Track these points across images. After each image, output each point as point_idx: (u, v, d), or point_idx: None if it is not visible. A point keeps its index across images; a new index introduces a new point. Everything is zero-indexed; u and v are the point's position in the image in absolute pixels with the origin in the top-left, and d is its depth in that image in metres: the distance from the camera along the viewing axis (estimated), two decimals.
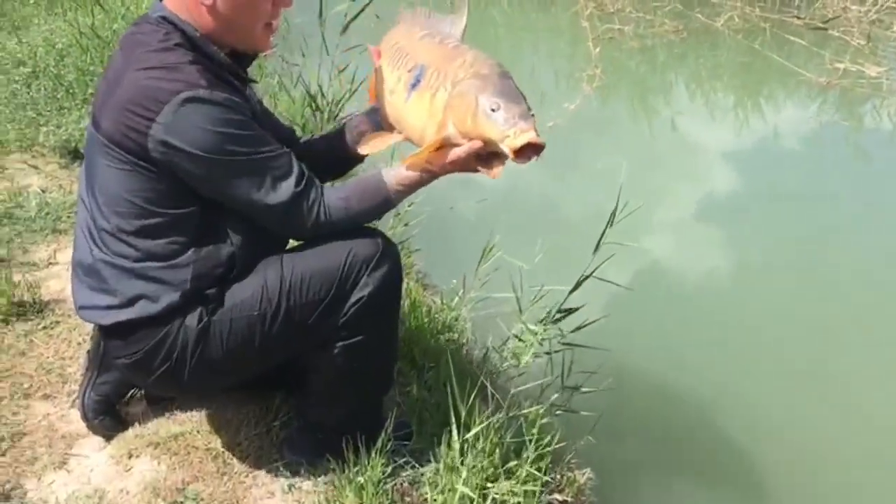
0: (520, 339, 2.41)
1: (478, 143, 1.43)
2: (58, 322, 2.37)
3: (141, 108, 1.43)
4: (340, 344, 1.63)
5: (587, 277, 2.40)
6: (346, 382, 1.70)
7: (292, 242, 1.74)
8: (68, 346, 2.28)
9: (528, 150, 1.38)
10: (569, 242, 3.57)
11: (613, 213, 2.61)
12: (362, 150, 1.67)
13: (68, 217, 2.92)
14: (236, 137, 1.47)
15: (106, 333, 1.63)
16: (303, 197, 1.52)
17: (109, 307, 1.57)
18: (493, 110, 1.39)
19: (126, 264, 1.54)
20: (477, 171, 1.48)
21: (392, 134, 1.64)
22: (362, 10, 3.48)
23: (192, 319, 1.55)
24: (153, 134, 1.43)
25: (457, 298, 2.63)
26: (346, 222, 1.57)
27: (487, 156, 1.45)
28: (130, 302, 1.55)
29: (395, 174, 1.57)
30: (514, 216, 3.75)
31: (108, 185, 1.52)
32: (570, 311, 2.37)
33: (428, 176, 1.56)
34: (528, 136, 1.36)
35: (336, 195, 1.56)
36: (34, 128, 3.40)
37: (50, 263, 2.66)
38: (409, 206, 3.02)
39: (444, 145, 1.46)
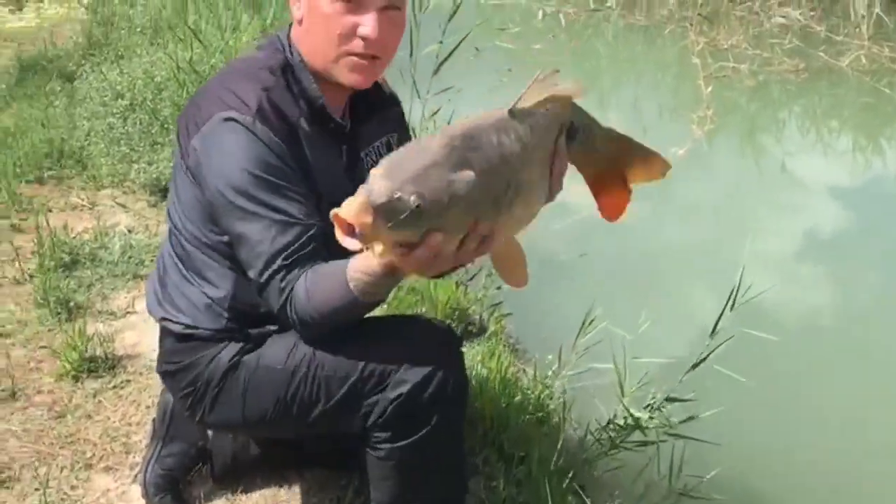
0: (621, 427, 2.18)
1: None
2: (129, 381, 2.26)
3: (195, 114, 1.41)
4: (382, 445, 1.44)
5: (699, 364, 2.16)
6: (398, 489, 1.50)
7: None
8: (136, 409, 2.16)
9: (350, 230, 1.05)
10: (677, 308, 3.32)
11: (733, 296, 2.36)
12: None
13: (150, 262, 2.84)
14: (253, 177, 1.34)
15: (160, 329, 1.60)
16: (278, 273, 1.35)
17: (160, 302, 1.56)
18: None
19: (183, 271, 1.52)
20: (429, 273, 1.17)
21: None
22: (453, 51, 3.31)
23: (226, 354, 1.50)
24: (194, 140, 1.40)
25: (551, 372, 2.41)
26: (317, 323, 1.36)
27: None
28: (177, 308, 1.53)
29: (356, 266, 1.29)
30: (617, 273, 3.50)
31: (177, 189, 1.51)
32: (678, 400, 2.14)
33: (384, 271, 1.25)
34: (341, 208, 1.03)
35: (303, 291, 1.34)
36: (126, 163, 3.36)
37: (127, 312, 2.58)
38: None
39: None
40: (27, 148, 3.45)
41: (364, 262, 1.26)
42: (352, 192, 1.06)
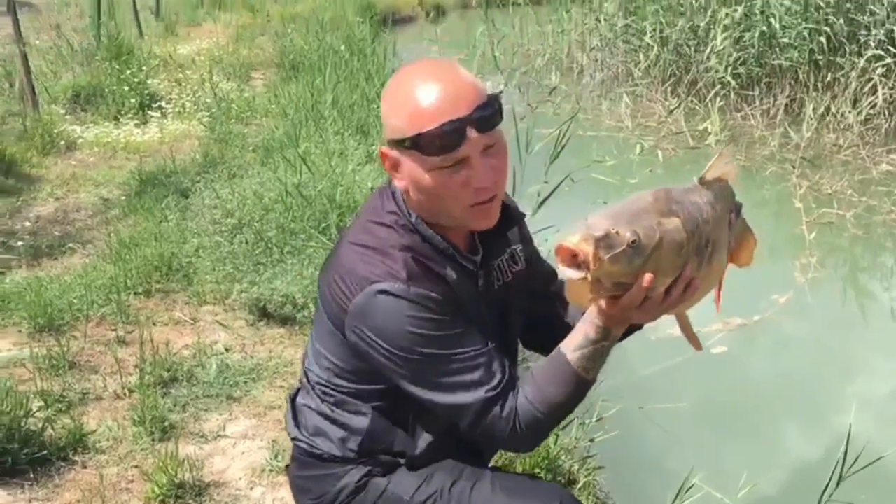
0: None
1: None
2: None
3: (343, 283, 1.39)
4: None
5: None
6: None
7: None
8: None
9: (572, 261, 1.14)
10: (782, 464, 3.15)
11: (841, 468, 2.23)
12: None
13: (245, 384, 2.89)
14: (427, 338, 1.35)
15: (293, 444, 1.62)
16: (495, 403, 1.37)
17: (297, 424, 1.60)
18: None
19: (322, 407, 1.54)
20: (623, 313, 1.26)
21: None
22: (553, 191, 3.35)
23: (356, 473, 1.51)
24: (349, 314, 1.38)
25: None
26: (547, 423, 1.41)
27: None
28: (311, 430, 1.56)
29: (569, 344, 1.36)
30: (718, 422, 3.35)
31: (319, 337, 1.53)
32: None
33: (592, 328, 1.33)
34: (562, 240, 1.14)
35: (525, 398, 1.38)
36: (229, 282, 3.47)
37: (219, 436, 2.60)
38: (596, 418, 2.73)
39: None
40: (139, 261, 3.61)
41: (575, 339, 1.34)
42: (489, 320, 1.40)
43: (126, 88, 6.53)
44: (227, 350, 3.10)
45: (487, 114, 1.31)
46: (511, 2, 10.64)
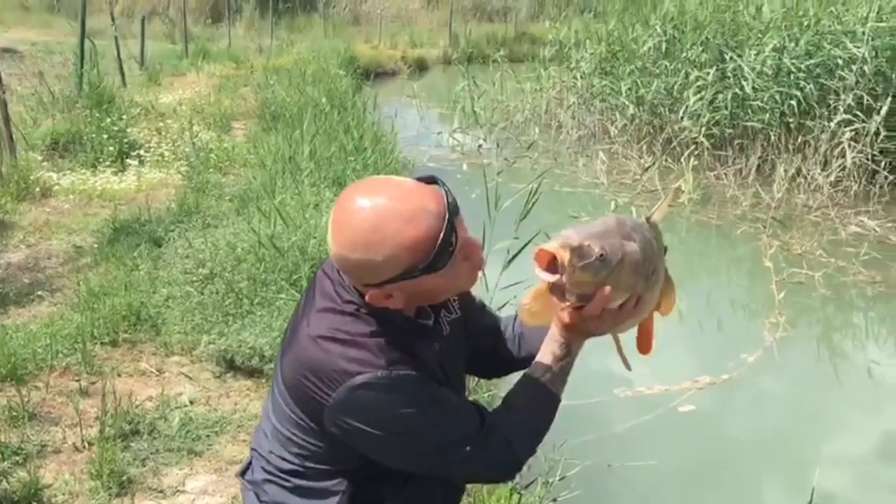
0: None
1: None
2: None
3: (317, 378, 1.38)
4: None
5: None
6: None
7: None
8: None
9: (548, 266, 1.29)
10: None
11: None
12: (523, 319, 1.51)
13: (207, 437, 2.85)
14: (414, 416, 1.39)
15: None
16: (486, 444, 1.45)
17: (259, 500, 1.57)
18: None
19: (280, 482, 1.53)
20: (585, 326, 1.40)
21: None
22: (524, 247, 3.38)
23: None
24: (329, 408, 1.38)
25: None
26: (531, 441, 1.51)
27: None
28: None
29: (535, 368, 1.50)
30: (681, 484, 3.34)
31: (282, 422, 1.50)
32: None
33: (556, 344, 1.46)
34: (546, 245, 1.28)
35: (511, 426, 1.48)
36: (197, 333, 3.45)
37: (178, 491, 2.56)
38: (560, 477, 2.72)
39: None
40: (107, 310, 3.58)
41: (542, 362, 1.47)
42: (446, 381, 1.47)
43: (105, 136, 6.55)
44: (191, 402, 3.07)
45: (451, 198, 1.36)
46: (491, 59, 10.86)
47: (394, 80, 14.73)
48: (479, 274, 1.48)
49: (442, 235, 1.33)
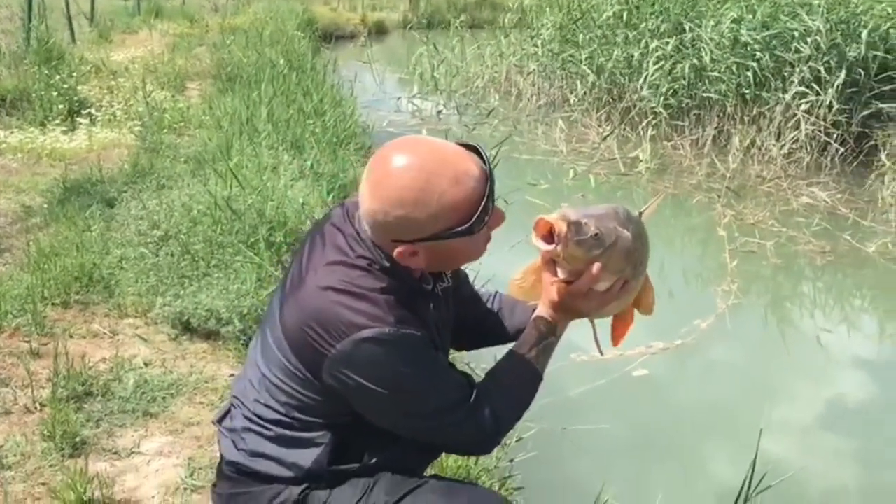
0: None
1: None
2: None
3: (322, 329, 1.40)
4: None
5: None
6: None
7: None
8: None
9: (545, 235, 1.37)
10: (695, 484, 3.22)
11: (747, 489, 2.30)
12: (513, 292, 1.61)
13: (163, 399, 2.82)
14: (414, 375, 1.42)
15: (228, 463, 1.60)
16: (474, 413, 1.49)
17: (238, 448, 1.57)
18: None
19: (262, 430, 1.53)
20: (575, 304, 1.47)
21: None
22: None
23: (296, 489, 1.51)
24: (330, 359, 1.39)
25: None
26: (514, 416, 1.55)
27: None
28: (254, 454, 1.54)
29: (520, 343, 1.55)
30: (636, 444, 3.41)
31: (274, 370, 1.51)
32: None
33: (542, 323, 1.52)
34: (547, 216, 1.35)
35: (496, 399, 1.51)
36: (152, 295, 3.39)
37: (133, 452, 2.53)
38: (517, 439, 2.76)
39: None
40: (58, 271, 3.50)
41: (528, 339, 1.52)
42: (440, 347, 1.55)
43: (54, 94, 6.36)
44: (146, 364, 3.03)
45: (491, 170, 1.40)
46: (451, 25, 10.76)
47: (353, 43, 14.54)
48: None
49: (484, 200, 1.37)
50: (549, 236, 1.35)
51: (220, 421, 1.65)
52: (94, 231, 4.02)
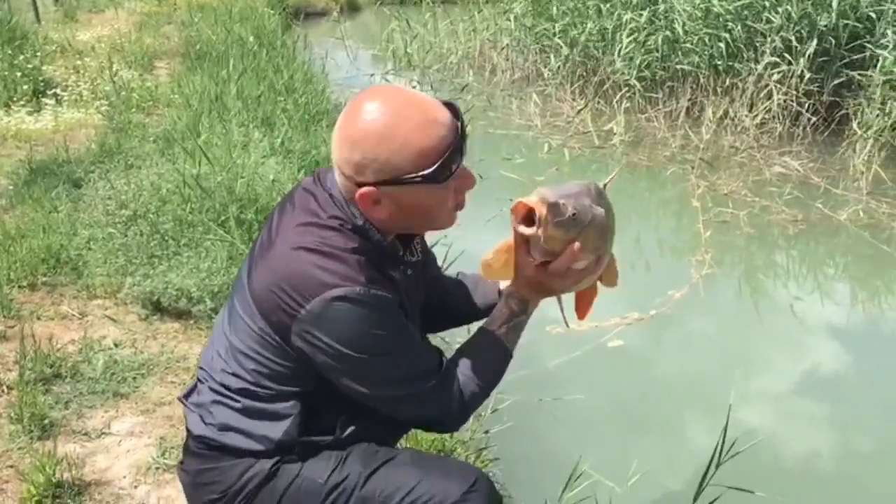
0: None
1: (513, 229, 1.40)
2: None
3: (292, 289, 1.38)
4: None
5: None
6: None
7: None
8: None
9: (524, 218, 1.36)
10: (670, 453, 3.24)
11: (719, 454, 2.31)
12: (484, 273, 1.56)
13: (133, 379, 2.79)
14: (384, 339, 1.40)
15: (196, 437, 1.57)
16: (443, 387, 1.48)
17: (204, 422, 1.55)
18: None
19: (230, 402, 1.51)
20: (546, 282, 1.45)
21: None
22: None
23: (266, 463, 1.49)
24: (299, 320, 1.37)
25: None
26: (482, 399, 1.54)
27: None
28: (222, 428, 1.52)
29: (491, 320, 1.54)
30: (611, 415, 3.43)
31: (241, 337, 1.49)
32: None
33: (514, 301, 1.51)
34: (526, 199, 1.34)
35: (464, 375, 1.50)
36: (121, 275, 3.34)
37: (103, 433, 2.50)
38: (492, 410, 2.75)
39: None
40: (25, 253, 3.44)
41: (499, 317, 1.51)
42: (415, 316, 1.54)
43: (19, 74, 6.23)
44: (116, 345, 2.99)
45: (463, 126, 1.40)
46: (424, 0, 10.66)
47: (324, 19, 14.36)
48: (456, 218, 1.49)
49: (451, 148, 1.36)
50: (528, 219, 1.35)
51: (186, 397, 1.63)
52: (61, 212, 3.95)
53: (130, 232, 3.61)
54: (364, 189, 1.37)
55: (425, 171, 1.35)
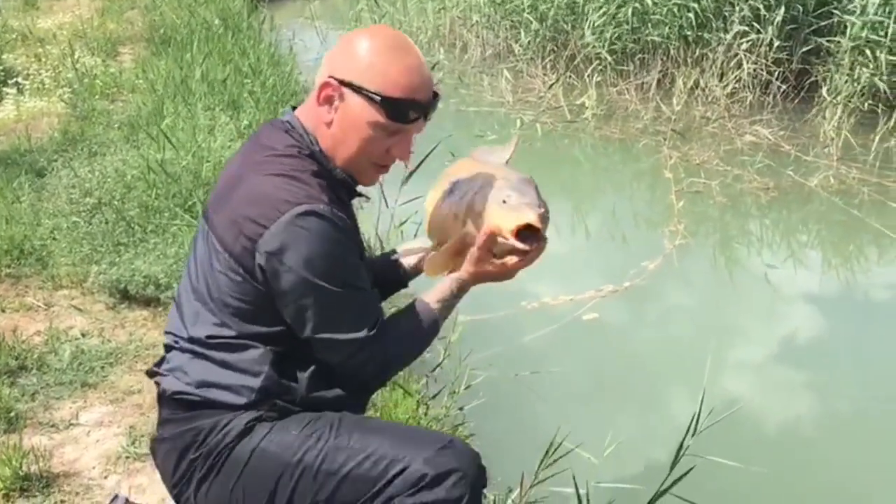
0: None
1: (486, 232, 1.45)
2: (63, 502, 2.14)
3: (257, 213, 1.39)
4: None
5: (660, 496, 2.11)
6: None
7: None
8: None
9: (529, 237, 1.43)
10: (647, 425, 3.25)
11: (695, 422, 2.31)
12: (428, 272, 1.65)
13: (101, 369, 2.75)
14: (342, 263, 1.41)
15: (168, 399, 1.54)
16: (375, 341, 1.46)
17: (181, 381, 1.52)
18: (503, 201, 1.44)
19: (204, 356, 1.49)
20: (497, 276, 1.52)
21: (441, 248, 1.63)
22: (423, 161, 3.32)
23: (245, 417, 1.47)
24: (263, 240, 1.38)
25: (510, 502, 2.31)
26: (403, 361, 1.57)
27: (504, 255, 1.49)
28: (200, 385, 1.49)
29: (431, 295, 1.56)
30: (587, 387, 3.43)
31: (212, 283, 1.48)
32: None
33: (457, 285, 1.54)
34: (526, 217, 1.40)
35: (394, 335, 1.51)
36: (86, 264, 3.29)
37: (71, 424, 2.46)
38: (465, 386, 2.74)
39: (464, 247, 1.52)
40: None
41: (439, 293, 1.54)
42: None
43: None
44: (83, 335, 2.94)
45: (436, 106, 1.49)
46: None
47: (292, 0, 14.18)
48: (372, 179, 1.54)
49: (415, 101, 1.44)
50: (521, 234, 1.42)
51: (157, 366, 1.60)
52: (24, 202, 3.87)
53: (95, 220, 3.56)
54: (329, 81, 1.44)
55: (384, 96, 1.41)
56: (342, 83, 1.43)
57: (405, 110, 1.43)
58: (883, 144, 5.92)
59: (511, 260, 1.47)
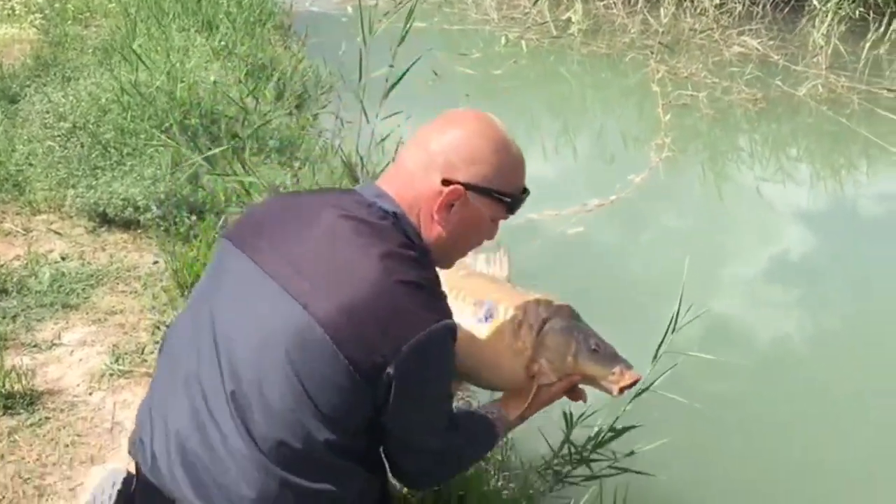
0: (566, 461, 2.12)
1: (576, 379, 1.57)
2: (48, 418, 2.15)
3: (394, 327, 1.24)
4: None
5: (642, 392, 2.13)
6: None
7: None
8: (53, 448, 2.05)
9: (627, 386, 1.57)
10: (629, 334, 3.26)
11: (674, 319, 2.33)
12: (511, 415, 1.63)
13: (82, 290, 2.73)
14: (448, 377, 1.40)
15: None
16: (453, 444, 1.46)
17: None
18: (594, 350, 1.56)
19: (296, 481, 1.28)
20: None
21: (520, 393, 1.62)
22: (403, 75, 3.25)
23: None
24: (401, 354, 1.24)
25: None
26: (459, 465, 1.56)
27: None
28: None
29: (504, 422, 1.59)
30: (570, 297, 3.43)
31: (328, 398, 1.26)
32: (622, 431, 2.09)
33: (508, 428, 1.61)
34: (634, 376, 1.56)
35: (458, 440, 1.50)
36: (64, 188, 3.24)
37: (53, 344, 2.46)
38: None
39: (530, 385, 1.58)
40: None
41: (510, 410, 1.59)
42: None
43: None
44: (63, 258, 2.91)
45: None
46: None
47: None
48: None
49: (526, 187, 1.44)
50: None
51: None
52: None
53: (70, 144, 3.49)
54: (450, 189, 1.34)
55: (514, 192, 1.40)
56: (468, 187, 1.34)
57: (523, 202, 1.44)
58: (873, 52, 5.84)
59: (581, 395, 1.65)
